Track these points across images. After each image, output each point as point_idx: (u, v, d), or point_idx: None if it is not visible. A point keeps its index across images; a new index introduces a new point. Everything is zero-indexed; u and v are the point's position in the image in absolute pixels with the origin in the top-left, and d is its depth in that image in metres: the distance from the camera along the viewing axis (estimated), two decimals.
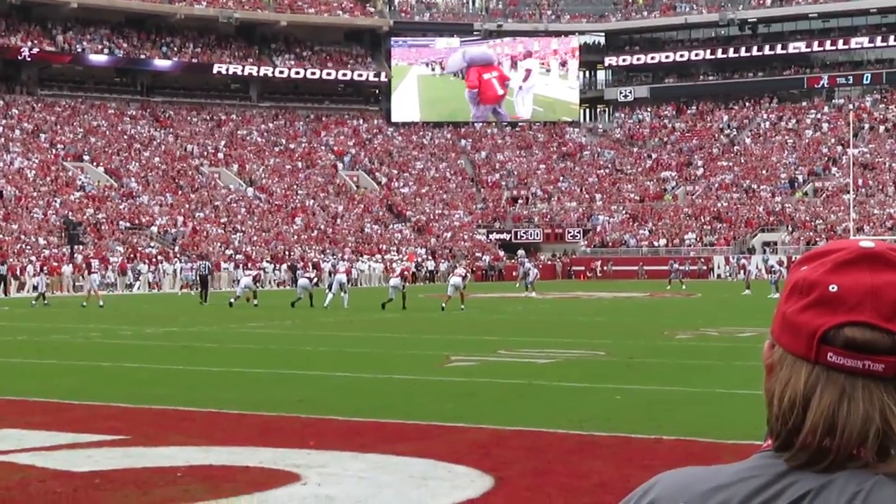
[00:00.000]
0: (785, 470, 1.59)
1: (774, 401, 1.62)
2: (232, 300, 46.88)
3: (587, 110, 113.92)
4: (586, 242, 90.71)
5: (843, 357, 1.57)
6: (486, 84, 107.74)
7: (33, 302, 49.39)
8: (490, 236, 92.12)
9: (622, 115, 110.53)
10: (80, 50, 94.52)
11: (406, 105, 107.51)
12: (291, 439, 13.04)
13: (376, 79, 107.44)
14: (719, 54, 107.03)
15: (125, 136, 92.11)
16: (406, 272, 51.30)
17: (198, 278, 55.25)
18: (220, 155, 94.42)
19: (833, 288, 1.59)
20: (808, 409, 1.58)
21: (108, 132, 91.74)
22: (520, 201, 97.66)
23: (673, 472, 1.70)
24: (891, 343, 1.56)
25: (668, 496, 1.64)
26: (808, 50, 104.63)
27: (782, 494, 1.57)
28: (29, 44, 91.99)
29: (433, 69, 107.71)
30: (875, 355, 1.57)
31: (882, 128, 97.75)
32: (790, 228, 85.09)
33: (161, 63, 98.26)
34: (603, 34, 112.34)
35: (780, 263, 64.73)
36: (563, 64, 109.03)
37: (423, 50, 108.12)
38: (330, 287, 46.77)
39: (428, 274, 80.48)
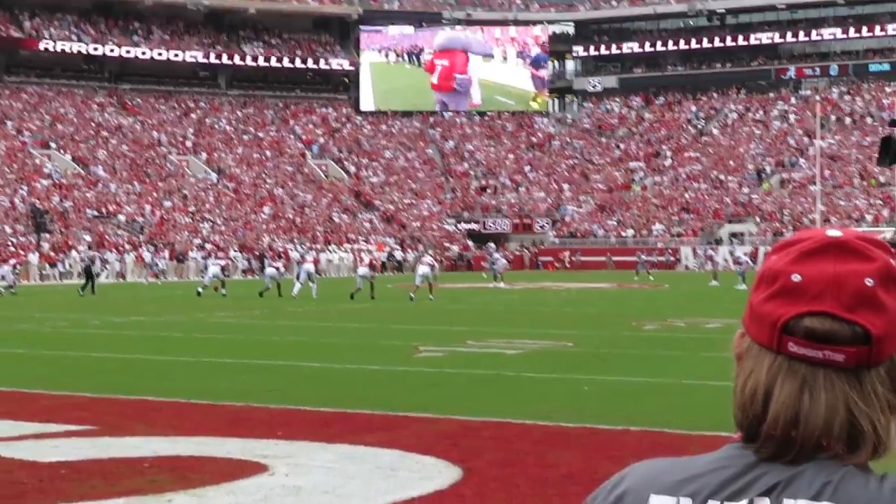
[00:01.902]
0: (754, 461, 1.58)
1: (737, 391, 1.62)
2: (200, 289, 46.78)
3: (556, 100, 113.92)
4: (555, 232, 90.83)
5: (804, 347, 1.57)
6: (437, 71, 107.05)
7: (2, 290, 49.04)
8: (459, 226, 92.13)
9: (591, 106, 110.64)
10: (47, 36, 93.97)
11: (373, 94, 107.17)
12: (259, 429, 13.02)
13: (345, 67, 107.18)
14: (688, 45, 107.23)
15: (93, 124, 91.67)
16: (374, 262, 51.25)
17: (83, 270, 51.61)
18: (189, 143, 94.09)
19: (796, 277, 1.59)
20: (769, 400, 1.57)
21: (75, 119, 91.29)
22: (488, 191, 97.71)
23: (643, 463, 1.70)
24: (851, 333, 1.56)
25: (638, 487, 1.65)
26: (777, 41, 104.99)
27: (752, 486, 1.56)
28: None
29: (386, 55, 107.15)
30: (836, 345, 1.56)
31: (848, 119, 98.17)
32: (758, 219, 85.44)
33: (129, 50, 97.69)
34: (572, 24, 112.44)
35: (748, 254, 64.97)
36: (530, 54, 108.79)
37: (390, 38, 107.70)
38: (298, 277, 46.71)
39: (397, 263, 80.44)
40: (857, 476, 1.55)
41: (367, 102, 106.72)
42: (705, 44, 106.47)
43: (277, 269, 48.74)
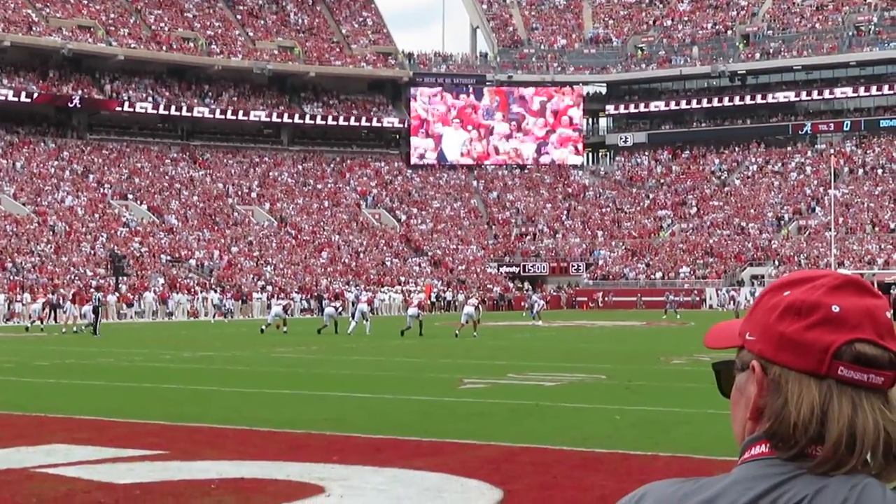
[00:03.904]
0: (781, 479, 1.58)
1: (791, 414, 1.59)
2: (263, 327, 46.85)
3: (590, 154, 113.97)
4: (589, 275, 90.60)
5: (853, 371, 1.58)
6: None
7: (83, 328, 49.00)
8: (500, 269, 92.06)
9: (622, 159, 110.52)
10: (126, 98, 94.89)
11: (425, 149, 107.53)
12: (317, 455, 12.99)
13: (397, 125, 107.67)
14: (712, 103, 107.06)
15: (166, 177, 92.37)
16: (423, 303, 51.10)
17: (92, 310, 47.88)
18: (254, 194, 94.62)
19: (835, 308, 1.60)
20: (826, 420, 1.57)
21: (150, 173, 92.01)
22: (528, 237, 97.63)
23: (660, 483, 1.67)
24: (889, 359, 1.59)
25: None
26: (793, 99, 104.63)
27: (778, 501, 1.56)
28: (79, 92, 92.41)
29: (454, 117, 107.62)
30: (878, 370, 1.59)
31: (861, 171, 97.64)
32: (776, 263, 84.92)
33: (200, 110, 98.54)
34: (605, 84, 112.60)
35: None
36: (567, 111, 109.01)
37: (434, 98, 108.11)
38: (353, 316, 46.72)
39: (444, 304, 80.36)
40: (876, 487, 1.56)
41: (427, 156, 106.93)
42: (728, 102, 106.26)
43: (335, 308, 48.77)
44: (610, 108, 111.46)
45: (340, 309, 51.56)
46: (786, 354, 1.61)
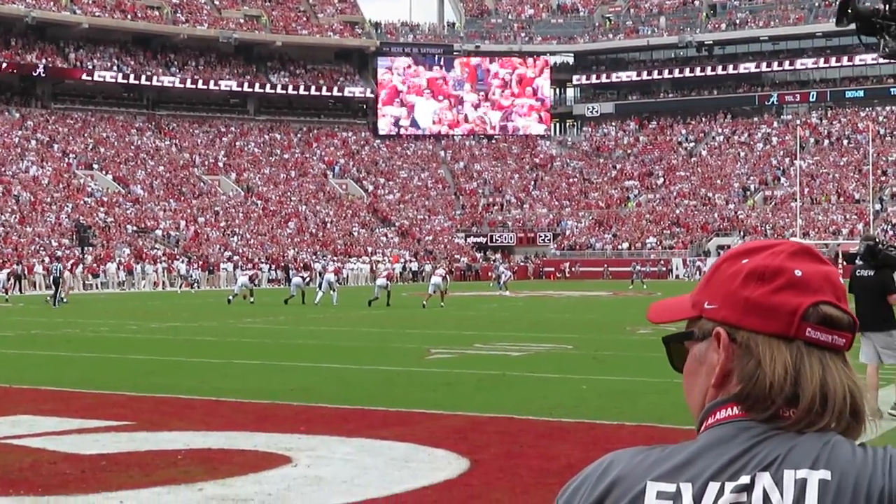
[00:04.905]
0: (755, 441, 1.58)
1: (766, 375, 1.60)
2: (230, 297, 46.74)
3: (557, 124, 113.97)
4: (556, 245, 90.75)
5: (820, 332, 1.61)
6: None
7: (48, 299, 48.67)
8: (468, 240, 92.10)
9: (589, 129, 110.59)
10: (90, 67, 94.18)
11: (392, 119, 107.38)
12: (284, 425, 12.98)
13: (364, 94, 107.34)
14: (679, 73, 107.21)
15: (132, 147, 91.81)
16: (391, 274, 51.05)
17: (52, 281, 47.55)
18: (220, 164, 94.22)
19: (798, 273, 1.63)
20: (799, 381, 1.60)
21: (116, 143, 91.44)
22: (495, 207, 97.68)
23: (626, 451, 1.67)
24: (848, 321, 1.63)
25: (631, 475, 1.61)
26: (760, 70, 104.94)
27: (751, 462, 1.56)
28: (44, 61, 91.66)
29: (425, 87, 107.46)
30: (841, 331, 1.62)
31: (826, 142, 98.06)
32: (742, 233, 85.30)
33: (165, 79, 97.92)
34: (572, 54, 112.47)
35: None
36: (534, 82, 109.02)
37: (408, 69, 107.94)
38: (320, 286, 46.67)
39: (411, 274, 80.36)
40: (845, 444, 1.58)
41: (394, 126, 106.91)
42: (695, 72, 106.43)
43: (303, 278, 48.67)
44: (577, 79, 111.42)
45: (308, 279, 51.45)
46: (753, 318, 1.63)
